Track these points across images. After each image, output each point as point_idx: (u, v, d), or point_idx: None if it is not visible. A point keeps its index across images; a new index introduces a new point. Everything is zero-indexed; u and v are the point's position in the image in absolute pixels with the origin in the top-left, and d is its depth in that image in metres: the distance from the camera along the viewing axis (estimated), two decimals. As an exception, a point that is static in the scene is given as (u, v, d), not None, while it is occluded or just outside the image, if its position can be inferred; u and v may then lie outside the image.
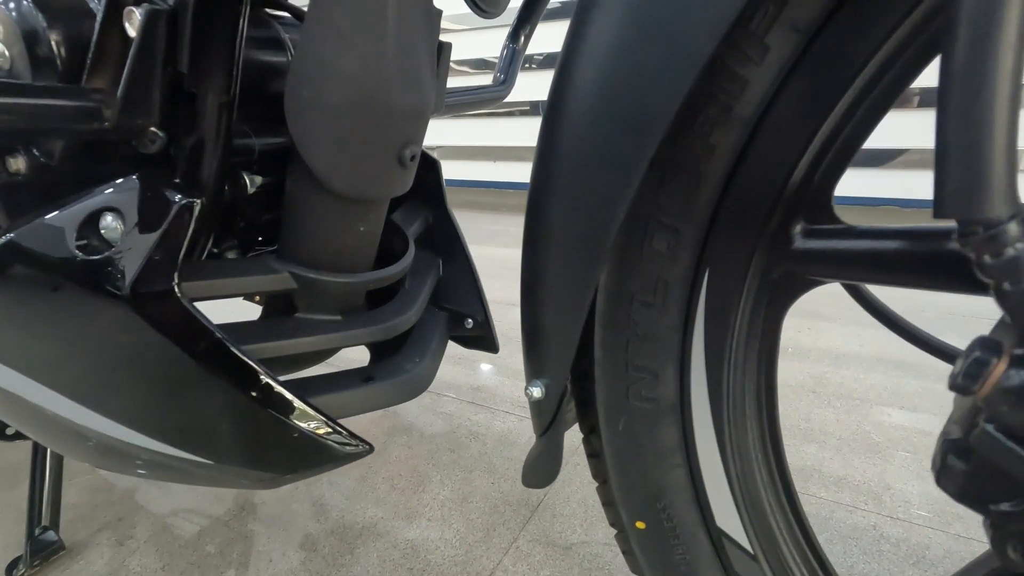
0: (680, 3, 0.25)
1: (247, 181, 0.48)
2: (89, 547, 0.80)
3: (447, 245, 0.67)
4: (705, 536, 0.38)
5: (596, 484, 0.43)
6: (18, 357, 0.41)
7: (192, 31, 0.36)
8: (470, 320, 0.64)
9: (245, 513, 0.86)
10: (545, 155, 0.33)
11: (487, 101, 0.74)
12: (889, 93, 0.28)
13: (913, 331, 0.40)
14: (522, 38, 0.79)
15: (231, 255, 0.54)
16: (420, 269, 0.63)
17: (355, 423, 1.08)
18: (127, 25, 0.35)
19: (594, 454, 0.42)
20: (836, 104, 0.28)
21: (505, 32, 0.84)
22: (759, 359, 0.36)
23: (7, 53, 0.37)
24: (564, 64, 0.31)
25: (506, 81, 0.77)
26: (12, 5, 0.36)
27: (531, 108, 2.66)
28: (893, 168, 2.12)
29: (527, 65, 2.57)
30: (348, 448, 0.43)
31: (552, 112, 0.32)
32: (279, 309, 0.55)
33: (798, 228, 0.32)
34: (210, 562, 0.76)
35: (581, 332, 0.34)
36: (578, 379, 0.39)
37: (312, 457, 0.43)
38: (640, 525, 0.40)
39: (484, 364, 1.25)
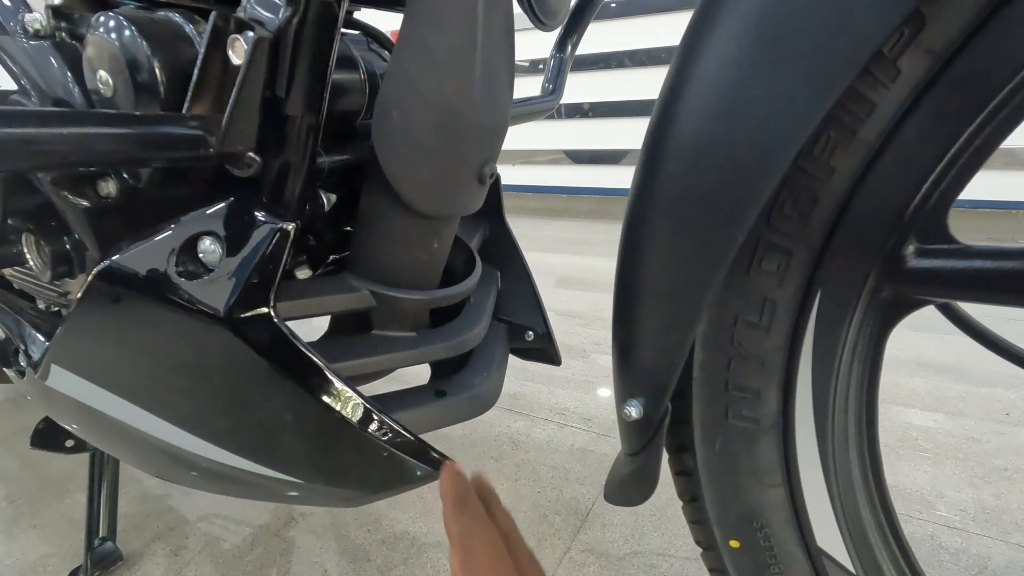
0: (819, 30, 0.25)
1: (324, 199, 0.48)
2: (145, 557, 0.80)
3: (505, 256, 0.67)
4: (804, 556, 0.38)
5: (683, 502, 0.43)
6: (114, 378, 0.42)
7: (292, 57, 0.36)
8: (531, 333, 0.64)
9: (294, 523, 0.86)
10: (653, 161, 0.33)
11: (538, 112, 0.74)
12: (1018, 114, 0.28)
13: (1014, 350, 0.40)
14: (569, 47, 0.79)
15: (301, 273, 0.55)
16: (482, 282, 0.63)
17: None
18: (230, 53, 0.36)
19: (684, 472, 0.42)
20: (965, 128, 0.27)
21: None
22: (863, 377, 0.35)
23: (111, 81, 0.37)
24: (677, 83, 0.31)
25: (555, 91, 0.77)
26: (115, 34, 0.37)
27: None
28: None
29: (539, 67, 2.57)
30: (433, 465, 0.43)
31: (665, 120, 0.32)
32: (350, 326, 0.55)
33: (911, 248, 0.32)
34: (265, 573, 0.77)
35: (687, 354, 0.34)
36: (672, 397, 0.39)
37: (399, 475, 0.43)
38: (734, 544, 0.40)
39: (518, 370, 1.25)
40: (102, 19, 0.37)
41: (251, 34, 0.35)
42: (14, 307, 0.54)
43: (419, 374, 0.55)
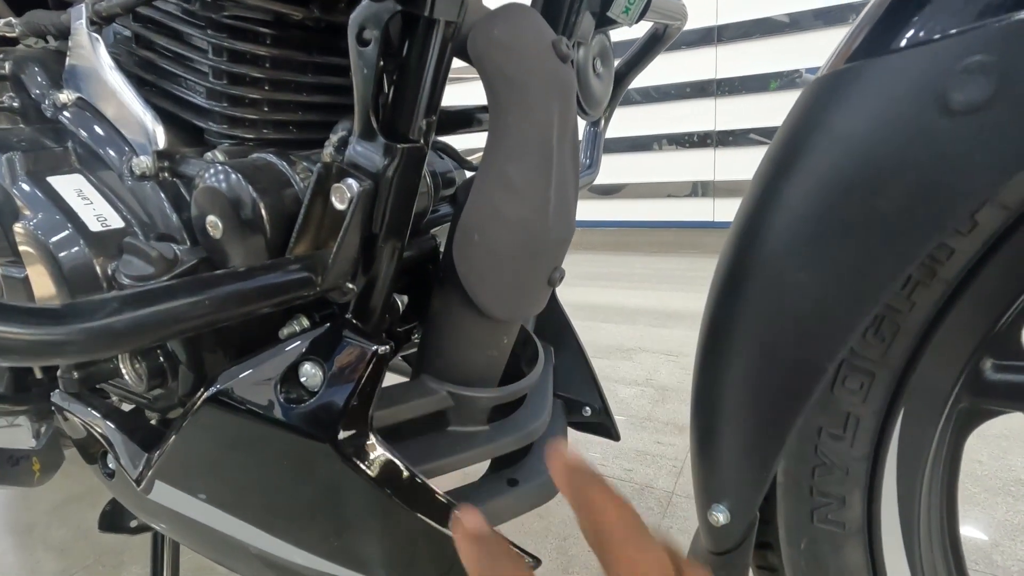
0: (905, 194, 0.28)
1: (399, 304, 0.51)
2: (208, 635, 0.82)
3: (559, 333, 0.69)
4: (894, 653, 0.39)
5: (765, 593, 0.45)
6: (219, 494, 0.44)
7: (387, 198, 0.39)
8: (588, 408, 0.66)
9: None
10: (734, 290, 0.36)
11: (580, 188, 0.78)
12: None
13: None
14: (603, 121, 0.82)
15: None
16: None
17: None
18: (333, 199, 0.39)
19: (768, 567, 0.43)
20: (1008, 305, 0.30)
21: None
22: (944, 482, 0.37)
23: (220, 224, 0.41)
24: (757, 218, 0.34)
25: (592, 165, 0.80)
26: (224, 182, 0.40)
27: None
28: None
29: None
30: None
31: (745, 253, 0.34)
32: (426, 423, 0.57)
33: (989, 363, 0.34)
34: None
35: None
36: (756, 499, 0.41)
37: None
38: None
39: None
40: (211, 169, 0.40)
41: (353, 183, 0.38)
42: (103, 410, 0.57)
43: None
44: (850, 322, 0.31)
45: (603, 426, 0.66)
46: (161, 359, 0.50)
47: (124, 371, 0.51)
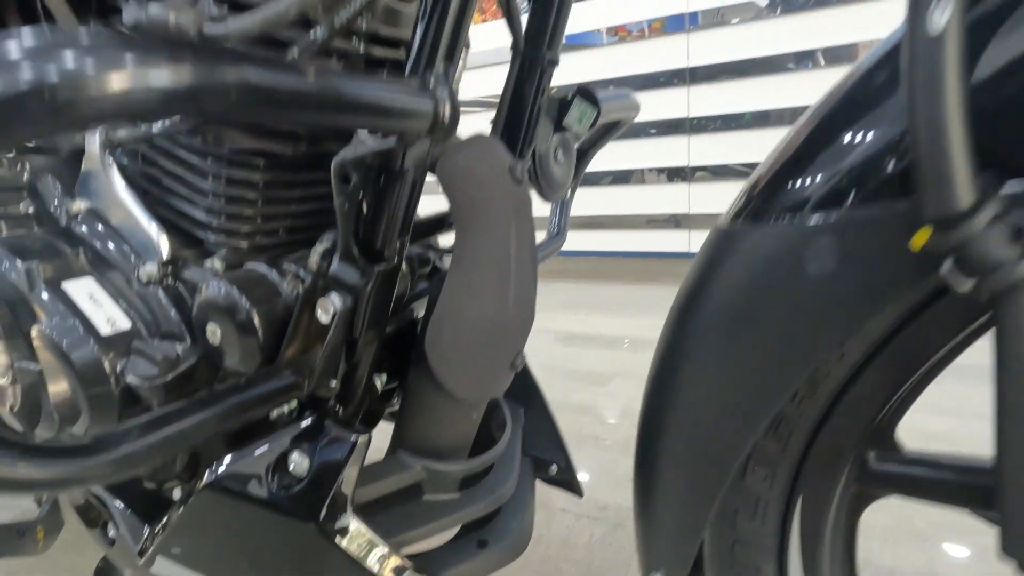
0: (783, 333, 0.34)
1: (378, 384, 0.57)
2: None
3: (526, 393, 0.75)
4: None
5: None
6: (217, 570, 0.49)
7: (367, 308, 0.45)
8: (554, 466, 0.72)
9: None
10: (659, 405, 0.42)
11: (548, 256, 0.84)
12: (951, 356, 0.37)
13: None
14: (569, 192, 0.89)
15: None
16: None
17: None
18: (319, 312, 0.45)
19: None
20: (898, 388, 0.36)
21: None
22: (843, 553, 0.43)
23: (218, 332, 0.46)
24: (673, 345, 0.40)
25: (559, 233, 0.87)
26: (223, 296, 0.46)
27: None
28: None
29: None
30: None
31: (665, 382, 0.41)
32: (402, 492, 0.62)
33: (872, 454, 0.41)
34: None
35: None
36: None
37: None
38: None
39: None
40: (210, 283, 0.46)
41: (336, 298, 0.44)
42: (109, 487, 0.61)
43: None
44: (750, 428, 0.37)
45: (568, 482, 0.72)
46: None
47: (127, 450, 0.56)
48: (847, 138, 0.31)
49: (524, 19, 0.52)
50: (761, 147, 2.42)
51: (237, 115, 0.25)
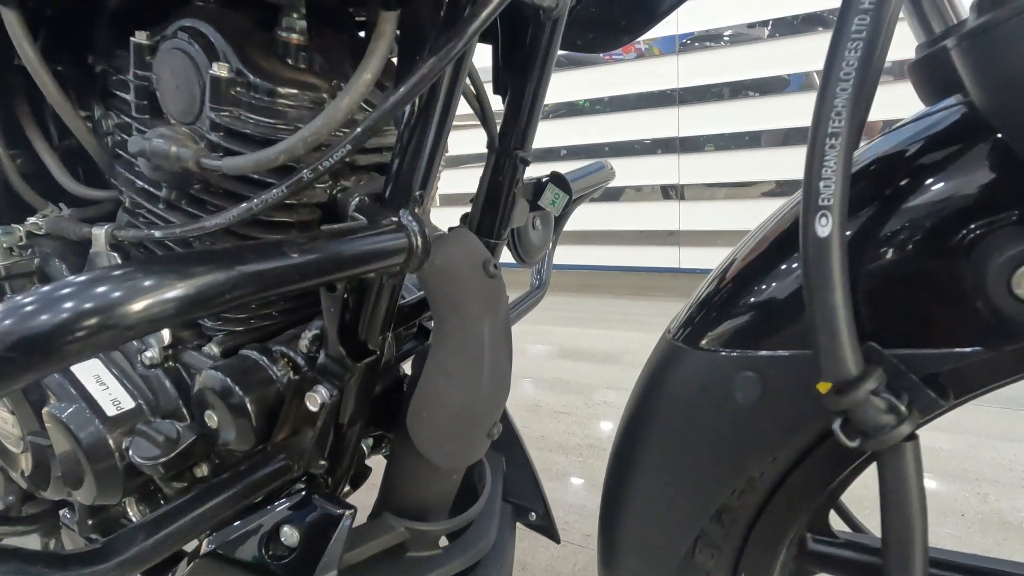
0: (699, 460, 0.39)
1: (365, 450, 0.61)
2: None
3: (507, 441, 0.80)
4: None
5: None
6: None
7: (354, 395, 0.50)
8: (533, 513, 0.76)
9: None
10: (618, 490, 0.47)
11: (530, 307, 0.89)
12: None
13: None
14: (552, 245, 0.93)
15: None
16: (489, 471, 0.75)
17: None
18: (307, 403, 0.49)
19: None
20: (830, 482, 0.41)
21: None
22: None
23: (215, 417, 0.50)
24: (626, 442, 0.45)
25: (541, 284, 0.91)
26: (218, 386, 0.50)
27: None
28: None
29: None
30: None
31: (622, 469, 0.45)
32: (387, 551, 0.67)
33: (809, 537, 0.45)
34: None
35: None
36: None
37: None
38: None
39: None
40: (207, 373, 0.50)
41: (323, 391, 0.48)
42: (111, 531, 0.66)
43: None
44: (694, 518, 0.42)
45: (546, 528, 0.76)
46: (161, 502, 0.59)
47: (131, 513, 0.60)
48: (770, 281, 0.35)
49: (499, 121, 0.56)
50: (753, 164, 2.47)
51: (238, 302, 0.29)
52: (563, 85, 2.68)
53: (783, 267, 0.35)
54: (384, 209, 0.42)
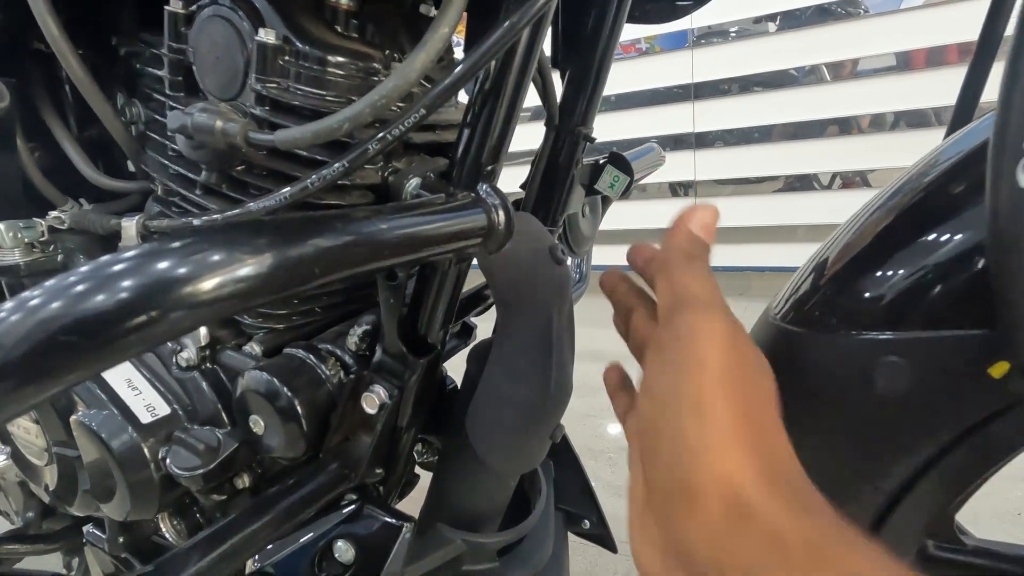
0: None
1: (416, 456, 0.56)
2: None
3: (556, 447, 0.75)
4: None
5: None
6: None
7: (412, 403, 0.45)
8: (587, 521, 0.71)
9: None
10: None
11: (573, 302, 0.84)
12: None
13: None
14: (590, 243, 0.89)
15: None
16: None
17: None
18: (364, 405, 0.44)
19: None
20: (964, 488, 0.36)
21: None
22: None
23: (261, 422, 0.46)
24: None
25: (582, 279, 0.87)
26: (264, 387, 0.45)
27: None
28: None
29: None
30: None
31: None
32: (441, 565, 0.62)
33: (931, 543, 0.40)
34: None
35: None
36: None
37: None
38: None
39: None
40: (250, 375, 0.46)
41: (382, 391, 0.44)
42: (136, 549, 0.61)
43: None
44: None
45: (601, 537, 0.71)
46: (198, 516, 0.54)
47: (164, 529, 0.55)
48: (918, 252, 0.30)
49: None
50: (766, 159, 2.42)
51: (318, 282, 0.25)
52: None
53: (931, 238, 0.30)
54: (455, 186, 0.38)
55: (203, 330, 0.50)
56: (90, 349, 0.20)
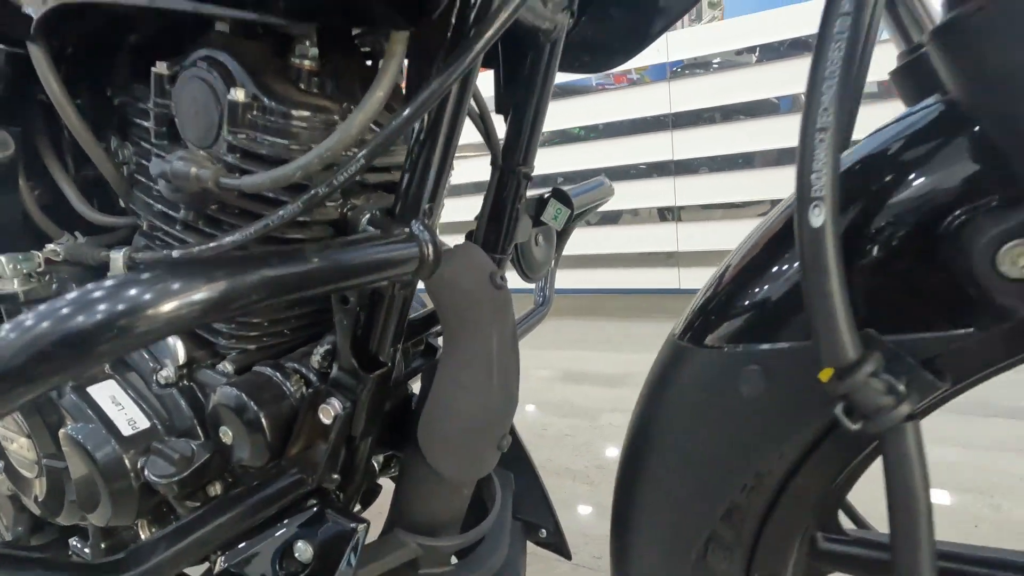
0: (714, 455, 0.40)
1: (375, 464, 0.61)
2: None
3: (515, 458, 0.80)
4: None
5: None
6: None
7: (365, 414, 0.50)
8: (543, 531, 0.76)
9: None
10: (631, 484, 0.47)
11: (534, 324, 0.90)
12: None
13: None
14: (554, 262, 0.95)
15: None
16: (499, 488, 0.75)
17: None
18: (320, 415, 0.50)
19: None
20: (837, 476, 0.41)
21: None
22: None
23: (230, 433, 0.51)
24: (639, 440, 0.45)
25: (545, 301, 0.93)
26: (233, 402, 0.51)
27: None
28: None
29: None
30: None
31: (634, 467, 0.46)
32: (399, 567, 0.66)
33: (820, 536, 0.45)
34: None
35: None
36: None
37: None
38: None
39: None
40: (221, 390, 0.51)
41: (336, 403, 0.49)
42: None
43: None
44: (704, 518, 0.42)
45: (557, 545, 0.76)
46: (174, 523, 0.59)
47: (143, 535, 0.60)
48: (771, 275, 0.37)
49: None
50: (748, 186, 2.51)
51: (258, 306, 0.30)
52: (557, 113, 2.75)
53: (780, 263, 0.36)
54: (395, 222, 0.44)
55: (181, 350, 0.56)
56: (72, 357, 0.25)
